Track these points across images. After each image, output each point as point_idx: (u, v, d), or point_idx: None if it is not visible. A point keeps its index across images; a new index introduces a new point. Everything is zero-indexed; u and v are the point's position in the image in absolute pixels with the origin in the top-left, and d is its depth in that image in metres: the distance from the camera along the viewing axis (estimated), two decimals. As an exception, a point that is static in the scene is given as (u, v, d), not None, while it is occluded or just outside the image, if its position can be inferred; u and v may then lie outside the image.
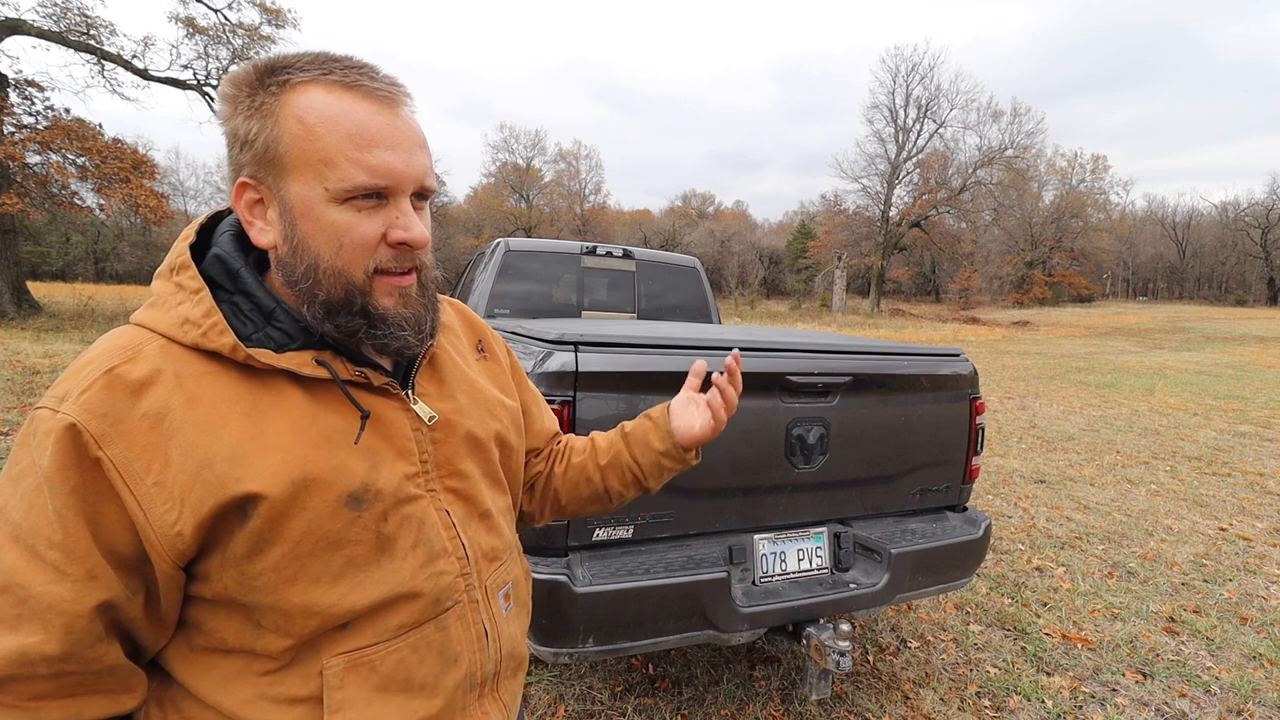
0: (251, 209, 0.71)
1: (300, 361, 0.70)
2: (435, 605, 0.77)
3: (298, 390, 0.71)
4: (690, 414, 1.02)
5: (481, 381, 0.92)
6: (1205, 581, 3.53)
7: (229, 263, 0.72)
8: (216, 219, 0.78)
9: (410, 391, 0.79)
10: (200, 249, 0.74)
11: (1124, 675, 2.63)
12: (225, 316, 0.68)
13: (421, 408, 0.79)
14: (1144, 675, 2.64)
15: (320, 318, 0.70)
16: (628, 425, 1.07)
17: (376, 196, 0.69)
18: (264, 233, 0.71)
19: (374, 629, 0.72)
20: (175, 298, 0.69)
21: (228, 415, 0.66)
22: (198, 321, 0.67)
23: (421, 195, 0.73)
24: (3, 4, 14.62)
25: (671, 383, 1.79)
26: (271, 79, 0.68)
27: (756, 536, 2.00)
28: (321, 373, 0.71)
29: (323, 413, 0.71)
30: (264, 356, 0.68)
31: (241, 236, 0.75)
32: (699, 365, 1.05)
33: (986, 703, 2.44)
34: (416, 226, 0.71)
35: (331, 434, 0.71)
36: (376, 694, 0.72)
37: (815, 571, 2.06)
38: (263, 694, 0.69)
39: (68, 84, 29.15)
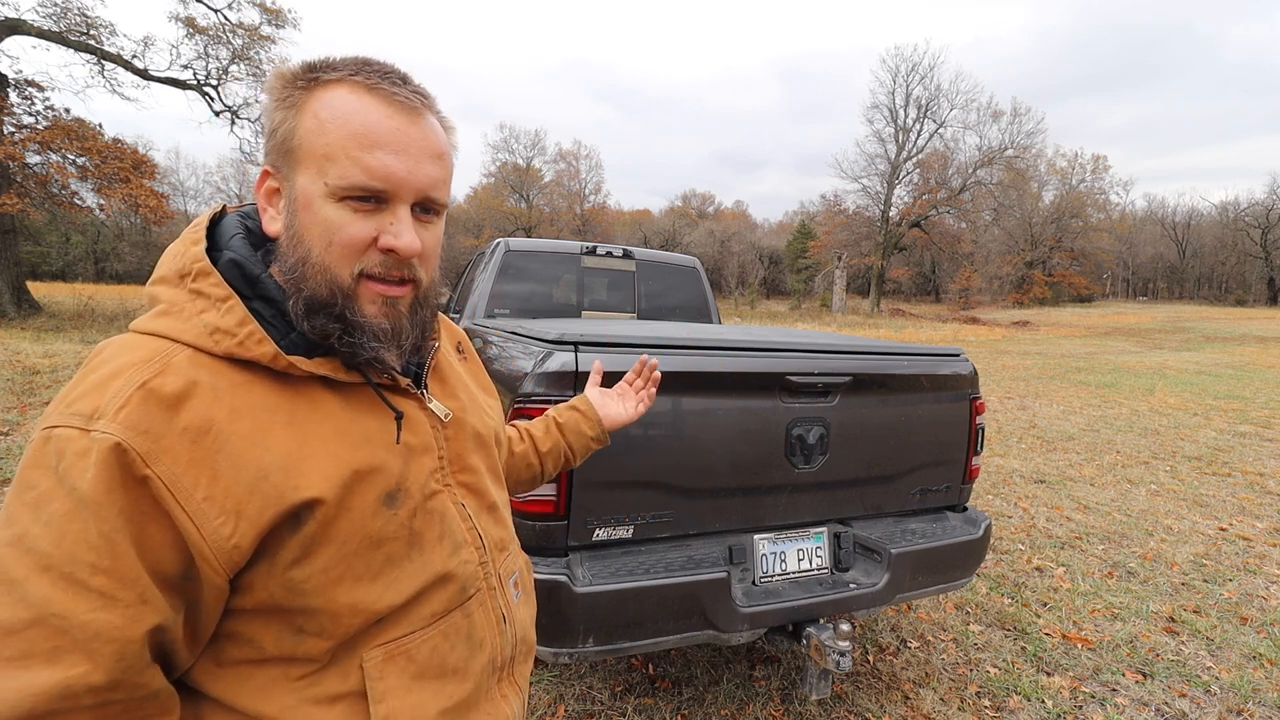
0: (270, 197, 0.72)
1: (334, 367, 0.71)
2: (462, 592, 0.80)
3: (331, 395, 0.72)
4: (613, 405, 1.31)
5: (470, 382, 0.96)
6: (1205, 581, 3.53)
7: (248, 268, 0.71)
8: (213, 221, 0.77)
9: (424, 391, 0.82)
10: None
11: (1124, 675, 2.63)
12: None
13: (437, 406, 0.82)
14: (1144, 675, 2.64)
15: (301, 314, 0.69)
16: (559, 416, 1.27)
17: (375, 200, 0.68)
18: (274, 220, 0.72)
19: (409, 619, 0.74)
20: (194, 305, 0.67)
21: (271, 425, 0.66)
22: (231, 330, 0.66)
23: (427, 208, 0.72)
24: (3, 4, 14.64)
25: (671, 382, 1.79)
26: (308, 76, 0.70)
27: (756, 536, 2.00)
28: (355, 377, 0.73)
29: (359, 415, 0.73)
30: (302, 364, 0.68)
31: (248, 238, 0.74)
32: (598, 365, 1.38)
33: (986, 703, 2.44)
34: (407, 235, 0.69)
35: (370, 435, 0.73)
36: (415, 681, 0.74)
37: (815, 571, 2.05)
38: (302, 697, 0.69)
39: (68, 84, 29.12)
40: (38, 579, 0.56)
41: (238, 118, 18.27)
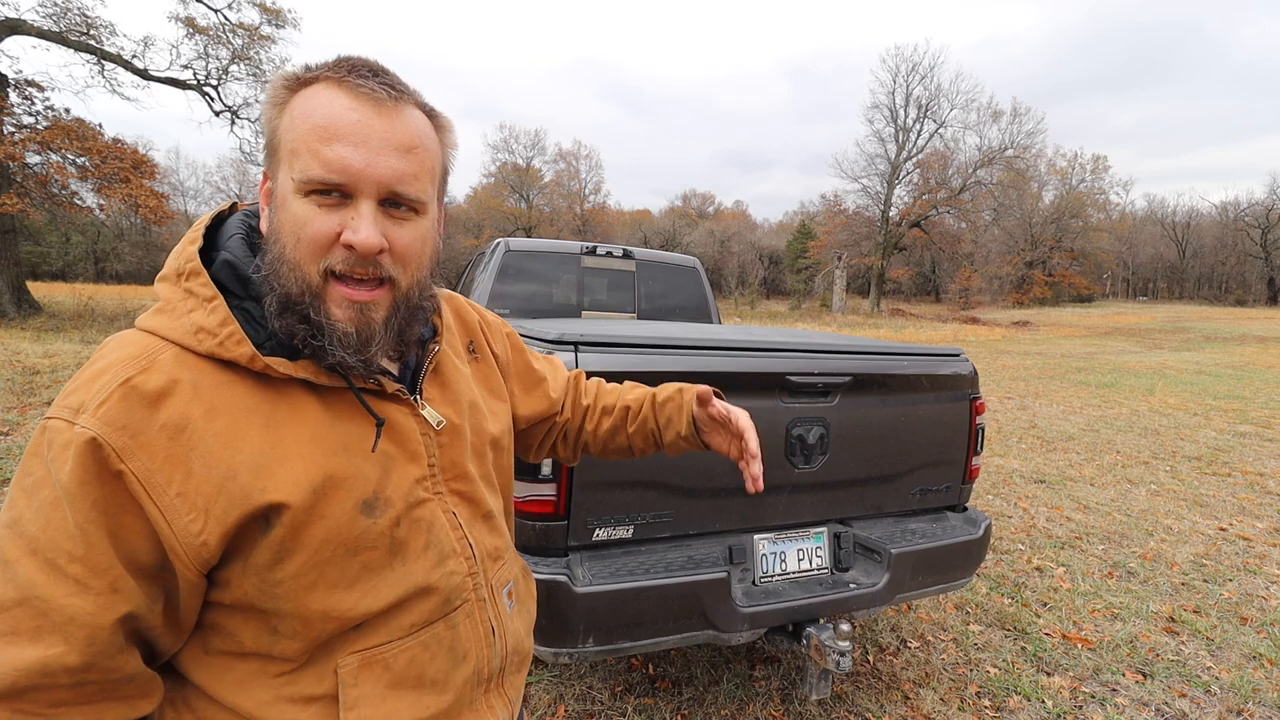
0: (268, 198, 0.72)
1: (314, 370, 0.70)
2: (446, 604, 0.78)
3: (312, 398, 0.71)
4: (720, 437, 1.07)
5: (476, 385, 0.93)
6: (1205, 581, 3.53)
7: (240, 268, 0.71)
8: (218, 220, 0.78)
9: (418, 397, 0.80)
10: (206, 252, 0.73)
11: (1124, 675, 2.63)
12: (239, 324, 0.68)
13: (430, 413, 0.80)
14: (1144, 675, 2.64)
15: (274, 312, 0.68)
16: (660, 395, 1.11)
17: (339, 194, 0.67)
18: (265, 220, 0.73)
19: (387, 628, 0.74)
20: (185, 304, 0.68)
21: (247, 426, 0.66)
22: (213, 330, 0.66)
23: (397, 203, 0.69)
24: (3, 4, 14.63)
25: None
26: (297, 77, 0.70)
27: (756, 536, 2.00)
28: (337, 381, 0.71)
29: (339, 420, 0.72)
30: (280, 366, 0.68)
31: (248, 239, 0.75)
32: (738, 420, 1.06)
33: (986, 703, 2.44)
34: (365, 230, 0.66)
35: (349, 441, 0.72)
36: (390, 690, 0.73)
37: (815, 571, 2.05)
38: (278, 695, 0.70)
39: (68, 84, 28.92)
40: (26, 561, 0.59)
41: (238, 118, 18.27)
